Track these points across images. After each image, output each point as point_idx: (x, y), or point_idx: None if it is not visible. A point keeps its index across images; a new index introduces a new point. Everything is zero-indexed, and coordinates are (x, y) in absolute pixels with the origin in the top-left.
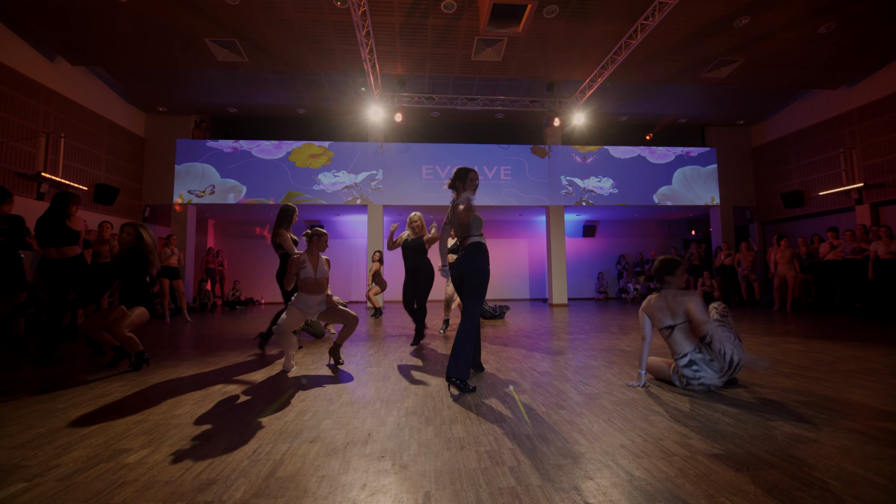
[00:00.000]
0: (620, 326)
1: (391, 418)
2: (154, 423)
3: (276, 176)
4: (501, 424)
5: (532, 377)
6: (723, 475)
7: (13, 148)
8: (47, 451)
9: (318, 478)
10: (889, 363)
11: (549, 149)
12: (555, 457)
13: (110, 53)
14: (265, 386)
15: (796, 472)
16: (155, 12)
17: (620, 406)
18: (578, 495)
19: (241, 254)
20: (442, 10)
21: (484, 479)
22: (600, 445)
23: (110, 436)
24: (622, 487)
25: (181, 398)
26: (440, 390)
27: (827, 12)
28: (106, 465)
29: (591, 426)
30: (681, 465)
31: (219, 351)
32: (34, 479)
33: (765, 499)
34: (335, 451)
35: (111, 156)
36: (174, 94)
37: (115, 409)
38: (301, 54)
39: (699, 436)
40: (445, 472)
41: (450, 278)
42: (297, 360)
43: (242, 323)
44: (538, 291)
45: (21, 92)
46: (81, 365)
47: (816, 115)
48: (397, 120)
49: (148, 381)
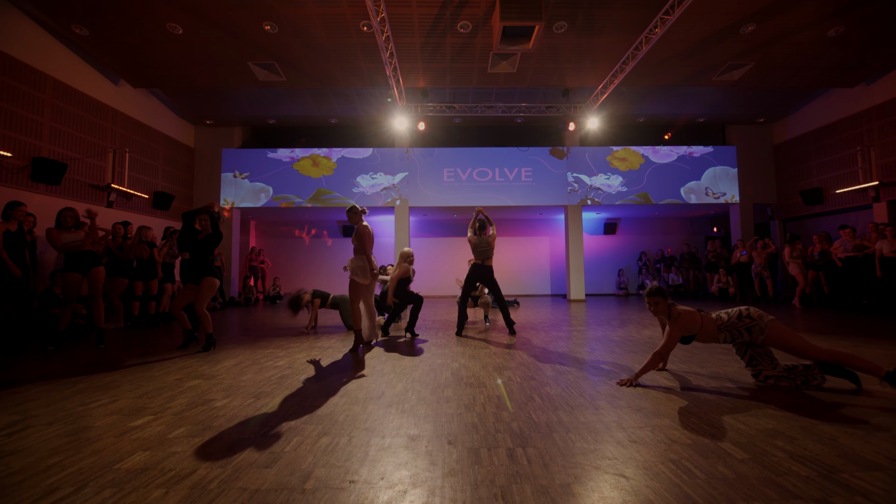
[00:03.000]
0: (614, 320)
1: (400, 385)
2: (227, 384)
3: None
4: (481, 390)
5: (520, 358)
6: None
7: (87, 163)
8: (159, 399)
9: (345, 416)
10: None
11: (568, 150)
12: (515, 408)
13: (166, 77)
14: (303, 361)
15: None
16: (204, 41)
17: (570, 361)
18: (514, 423)
19: (280, 252)
20: (458, 31)
21: (457, 417)
22: (551, 402)
23: (198, 392)
24: (552, 401)
25: (244, 368)
26: (438, 368)
27: (833, 17)
28: (202, 407)
29: (549, 391)
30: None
31: (266, 337)
32: (157, 414)
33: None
34: (357, 401)
35: (166, 166)
36: (220, 109)
37: (196, 375)
38: (332, 72)
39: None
40: (432, 415)
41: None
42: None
43: (283, 315)
44: (559, 287)
45: (91, 113)
46: (156, 348)
47: (836, 113)
48: (420, 128)
49: (216, 358)
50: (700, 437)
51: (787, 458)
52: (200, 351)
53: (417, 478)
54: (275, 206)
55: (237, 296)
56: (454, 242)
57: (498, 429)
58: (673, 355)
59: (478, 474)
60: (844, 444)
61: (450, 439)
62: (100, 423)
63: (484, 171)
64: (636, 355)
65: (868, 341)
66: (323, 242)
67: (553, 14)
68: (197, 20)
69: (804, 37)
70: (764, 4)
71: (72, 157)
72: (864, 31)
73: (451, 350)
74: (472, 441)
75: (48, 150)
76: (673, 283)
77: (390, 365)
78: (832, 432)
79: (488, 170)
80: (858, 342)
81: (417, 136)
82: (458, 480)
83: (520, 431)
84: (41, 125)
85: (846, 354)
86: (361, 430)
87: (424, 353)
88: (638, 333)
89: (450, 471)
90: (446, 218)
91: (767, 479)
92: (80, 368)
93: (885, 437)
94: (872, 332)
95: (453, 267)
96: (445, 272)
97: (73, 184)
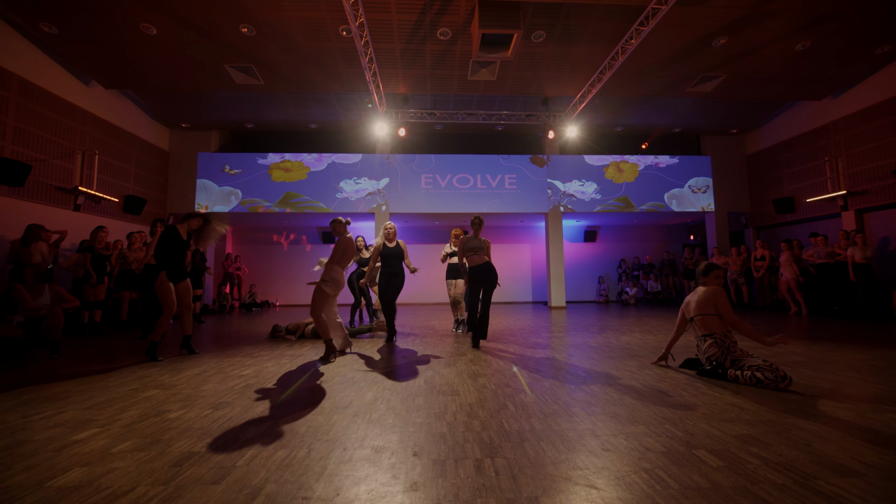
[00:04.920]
0: (593, 326)
1: (370, 393)
2: (186, 394)
3: (318, 184)
4: (454, 398)
5: (496, 365)
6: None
7: (53, 165)
8: (109, 411)
9: (307, 427)
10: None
11: (548, 158)
12: (487, 416)
13: (139, 78)
14: (271, 370)
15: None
16: (179, 43)
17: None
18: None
19: (258, 259)
20: (438, 37)
21: (425, 426)
22: (525, 410)
23: (154, 403)
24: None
25: (207, 378)
26: (411, 375)
27: (801, 31)
28: (154, 419)
29: (523, 399)
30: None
31: (236, 345)
32: (104, 427)
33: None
34: (322, 411)
35: (139, 169)
36: (196, 112)
37: (155, 385)
38: (311, 77)
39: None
40: (400, 424)
41: (454, 285)
42: (298, 352)
43: (258, 323)
44: (540, 295)
45: (59, 114)
46: (119, 356)
47: (805, 125)
48: (401, 135)
49: (179, 367)
50: (674, 445)
51: (763, 466)
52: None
53: (375, 493)
54: (243, 210)
55: (211, 303)
56: (436, 249)
57: (467, 438)
58: (650, 360)
59: (441, 488)
60: (819, 450)
61: (415, 451)
62: (39, 437)
63: (465, 177)
64: (613, 361)
65: (840, 346)
66: (301, 248)
67: (531, 23)
68: (171, 21)
69: (774, 50)
70: (734, 18)
71: (37, 158)
72: (830, 45)
73: (427, 357)
74: (438, 452)
75: (11, 151)
76: (652, 289)
77: (362, 374)
78: (807, 437)
79: (469, 176)
80: (831, 347)
81: (399, 142)
82: (419, 496)
83: (490, 441)
84: (5, 124)
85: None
86: (323, 441)
87: (399, 361)
88: (616, 340)
89: (411, 485)
90: (428, 225)
91: (742, 488)
92: (30, 379)
93: (859, 442)
94: (843, 337)
95: (435, 275)
96: (426, 279)
97: (37, 186)
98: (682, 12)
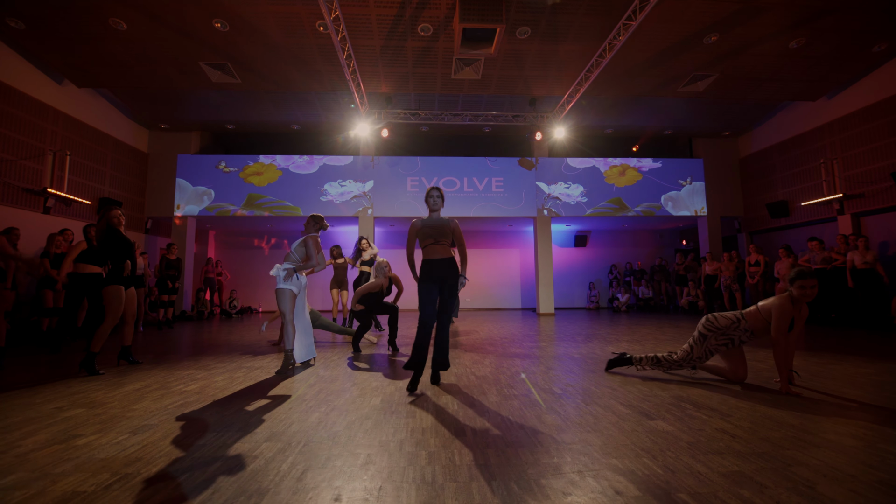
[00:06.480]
0: (579, 335)
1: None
2: (112, 414)
3: (305, 188)
4: (408, 420)
5: (465, 380)
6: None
7: (21, 165)
8: (13, 435)
9: (223, 459)
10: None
11: (537, 161)
12: (438, 447)
13: (112, 76)
14: (220, 385)
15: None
16: (150, 39)
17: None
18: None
19: (240, 264)
20: (419, 33)
21: (362, 459)
22: (483, 438)
23: (70, 425)
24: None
25: (145, 394)
26: (370, 392)
27: (795, 28)
28: (59, 446)
29: (485, 423)
30: None
31: (195, 355)
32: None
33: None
34: (252, 437)
35: (115, 171)
36: (175, 112)
37: (83, 403)
38: (290, 75)
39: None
40: (335, 456)
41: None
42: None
43: (234, 330)
44: (529, 301)
45: (29, 113)
46: (69, 367)
47: (799, 126)
48: (384, 135)
49: (120, 380)
50: (651, 485)
51: None
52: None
53: None
54: (209, 214)
55: (190, 309)
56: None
57: (404, 477)
58: (634, 378)
59: None
60: (824, 495)
61: (335, 496)
62: None
63: (452, 180)
64: (595, 375)
65: (839, 358)
66: (283, 252)
67: (516, 19)
68: (141, 15)
69: (767, 48)
70: (726, 13)
71: (4, 158)
72: (824, 43)
73: (395, 370)
74: (362, 496)
75: None
76: (643, 296)
77: (317, 389)
78: (809, 476)
79: (456, 179)
80: (830, 359)
81: (383, 145)
82: None
83: (432, 480)
84: None
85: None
86: (232, 479)
87: (362, 374)
88: (602, 350)
89: None
90: None
91: None
92: None
93: (873, 481)
94: (842, 348)
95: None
96: (413, 285)
97: (4, 187)
98: (671, 6)
